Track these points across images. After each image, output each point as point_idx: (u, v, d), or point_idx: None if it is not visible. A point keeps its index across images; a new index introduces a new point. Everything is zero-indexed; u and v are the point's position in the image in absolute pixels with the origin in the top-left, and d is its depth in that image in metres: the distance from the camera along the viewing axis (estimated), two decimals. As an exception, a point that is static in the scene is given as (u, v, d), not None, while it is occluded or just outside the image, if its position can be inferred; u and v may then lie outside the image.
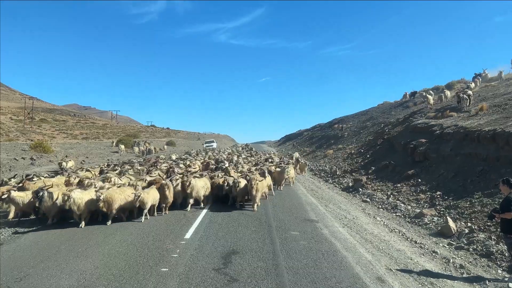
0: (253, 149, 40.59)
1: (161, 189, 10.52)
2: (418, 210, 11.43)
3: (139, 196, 9.50)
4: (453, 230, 9.12)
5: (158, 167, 16.37)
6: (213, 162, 19.12)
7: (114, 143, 39.68)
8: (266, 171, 13.71)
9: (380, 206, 13.13)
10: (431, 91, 32.10)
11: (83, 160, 26.36)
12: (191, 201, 11.33)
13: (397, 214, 11.81)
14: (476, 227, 9.10)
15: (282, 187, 15.79)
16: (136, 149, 36.96)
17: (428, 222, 10.31)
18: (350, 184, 17.78)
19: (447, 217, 9.92)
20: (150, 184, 11.09)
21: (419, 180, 14.31)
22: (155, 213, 10.51)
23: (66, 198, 8.98)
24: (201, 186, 11.58)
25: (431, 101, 26.51)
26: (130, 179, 12.42)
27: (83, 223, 9.30)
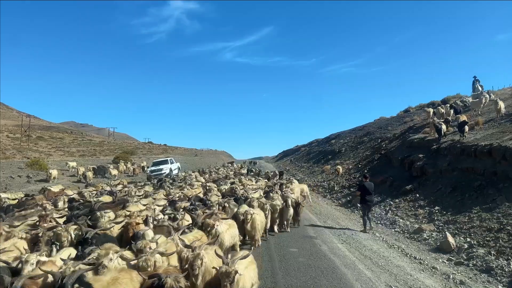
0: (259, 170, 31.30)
1: None
2: (416, 226, 11.37)
3: None
4: (452, 246, 9.07)
5: None
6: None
7: (70, 165, 28.17)
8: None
9: (378, 222, 13.07)
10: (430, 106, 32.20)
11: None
12: None
13: (395, 229, 11.75)
14: (475, 242, 9.05)
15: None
16: (80, 169, 26.15)
17: (427, 238, 10.26)
18: (348, 199, 17.73)
19: (446, 232, 9.88)
20: None
21: (417, 195, 14.29)
22: None
23: None
24: None
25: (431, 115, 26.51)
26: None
27: None
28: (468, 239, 9.34)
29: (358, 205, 14.17)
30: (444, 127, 17.13)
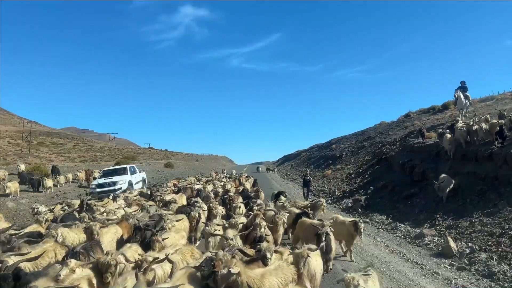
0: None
1: None
2: (418, 230, 11.34)
3: None
4: (454, 251, 9.04)
5: None
6: None
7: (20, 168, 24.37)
8: None
9: (380, 227, 13.03)
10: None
11: None
12: None
13: (397, 234, 11.72)
14: (477, 247, 9.03)
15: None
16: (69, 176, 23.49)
17: (429, 243, 10.23)
18: (350, 204, 17.68)
19: (448, 237, 9.85)
20: None
21: (418, 200, 14.26)
22: None
23: None
24: None
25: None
26: None
27: None
28: (470, 244, 9.32)
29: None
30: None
